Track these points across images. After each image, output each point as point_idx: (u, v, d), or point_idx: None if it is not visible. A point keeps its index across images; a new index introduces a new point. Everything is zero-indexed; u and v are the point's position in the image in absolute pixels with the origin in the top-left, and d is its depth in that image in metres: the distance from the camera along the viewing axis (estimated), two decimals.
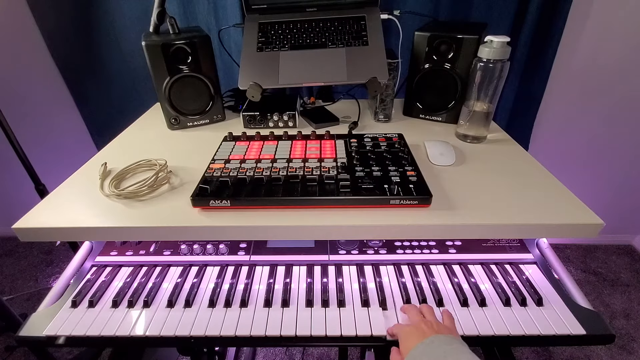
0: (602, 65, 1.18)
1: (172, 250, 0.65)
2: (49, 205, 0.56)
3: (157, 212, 0.53)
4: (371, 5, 0.84)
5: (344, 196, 0.51)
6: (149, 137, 0.80)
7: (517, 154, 0.70)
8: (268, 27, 0.84)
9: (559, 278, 0.59)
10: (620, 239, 1.73)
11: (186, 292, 0.57)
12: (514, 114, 1.17)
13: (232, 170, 0.58)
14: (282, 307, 0.54)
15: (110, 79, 1.18)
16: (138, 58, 1.11)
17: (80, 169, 0.66)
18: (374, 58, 0.77)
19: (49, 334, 0.51)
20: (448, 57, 0.76)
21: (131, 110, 1.00)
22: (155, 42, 0.73)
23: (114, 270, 0.62)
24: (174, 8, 1.01)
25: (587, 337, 0.49)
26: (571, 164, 1.43)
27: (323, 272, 0.60)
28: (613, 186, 1.49)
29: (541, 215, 0.51)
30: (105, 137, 0.79)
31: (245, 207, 0.53)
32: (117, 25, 1.07)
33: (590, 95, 1.25)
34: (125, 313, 0.54)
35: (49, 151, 1.44)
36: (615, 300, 1.46)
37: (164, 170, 0.61)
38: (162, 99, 0.78)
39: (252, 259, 0.64)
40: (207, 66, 0.78)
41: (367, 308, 0.54)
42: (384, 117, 0.85)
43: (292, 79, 0.77)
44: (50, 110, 1.35)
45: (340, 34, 0.81)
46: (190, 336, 0.50)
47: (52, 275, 1.61)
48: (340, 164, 0.59)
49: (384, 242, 0.65)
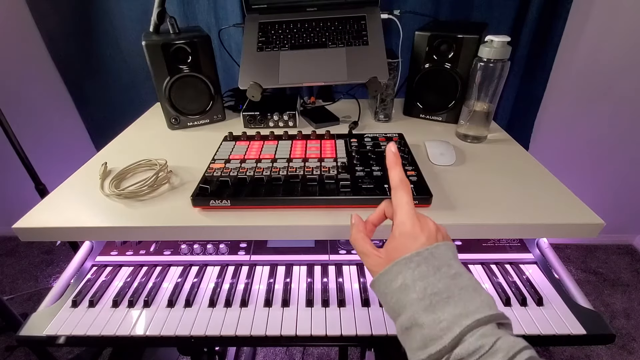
0: (603, 65, 1.18)
1: (172, 250, 0.65)
2: (49, 205, 0.56)
3: (157, 212, 0.53)
4: (371, 4, 0.84)
5: (344, 196, 0.51)
6: (149, 137, 0.80)
7: (517, 154, 0.70)
8: (268, 27, 0.84)
9: (559, 278, 0.59)
10: (621, 238, 1.73)
11: (186, 291, 0.57)
12: (515, 113, 1.17)
13: (232, 170, 0.58)
14: (283, 306, 0.54)
15: (110, 79, 1.18)
16: (138, 58, 1.11)
17: (80, 169, 0.66)
18: (374, 58, 0.77)
19: (49, 333, 0.51)
20: (448, 57, 0.76)
21: (131, 110, 1.01)
22: (156, 42, 0.73)
23: (114, 270, 0.62)
24: (174, 8, 1.01)
25: (588, 337, 0.49)
26: (571, 163, 1.43)
27: (323, 272, 0.60)
28: (613, 186, 1.49)
29: (541, 215, 0.51)
30: (105, 137, 0.79)
31: (246, 207, 0.53)
32: (117, 25, 1.07)
33: (590, 95, 1.25)
34: (125, 313, 0.54)
35: (49, 151, 1.44)
36: (615, 300, 1.46)
37: (164, 170, 0.61)
38: (162, 99, 0.78)
39: (252, 258, 0.64)
40: (207, 66, 0.78)
41: (368, 308, 0.54)
42: (384, 117, 0.85)
43: (292, 78, 0.77)
44: (50, 110, 1.35)
45: (340, 33, 0.81)
46: (191, 336, 0.50)
47: (53, 275, 1.61)
48: (341, 164, 0.59)
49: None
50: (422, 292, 0.30)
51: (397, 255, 0.33)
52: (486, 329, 0.28)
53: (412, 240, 0.33)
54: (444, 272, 0.31)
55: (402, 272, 0.32)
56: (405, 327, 0.31)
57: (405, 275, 0.31)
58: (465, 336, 0.27)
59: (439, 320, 0.29)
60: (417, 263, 0.31)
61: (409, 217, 0.35)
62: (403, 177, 0.36)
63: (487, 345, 0.27)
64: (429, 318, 0.29)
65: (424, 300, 0.30)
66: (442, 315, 0.29)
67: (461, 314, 0.28)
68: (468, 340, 0.27)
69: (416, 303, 0.30)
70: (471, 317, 0.28)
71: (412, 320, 0.30)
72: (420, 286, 0.30)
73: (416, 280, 0.31)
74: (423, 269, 0.31)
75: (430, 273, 0.31)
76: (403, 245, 0.33)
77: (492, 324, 0.29)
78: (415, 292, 0.30)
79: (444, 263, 0.32)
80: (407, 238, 0.34)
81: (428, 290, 0.30)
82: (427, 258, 0.32)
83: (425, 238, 0.33)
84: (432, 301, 0.29)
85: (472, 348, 0.27)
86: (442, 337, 0.28)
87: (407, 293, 0.31)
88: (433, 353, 0.28)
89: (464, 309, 0.29)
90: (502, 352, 0.26)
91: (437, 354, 0.28)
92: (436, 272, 0.31)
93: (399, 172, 0.36)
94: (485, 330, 0.28)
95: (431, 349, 0.28)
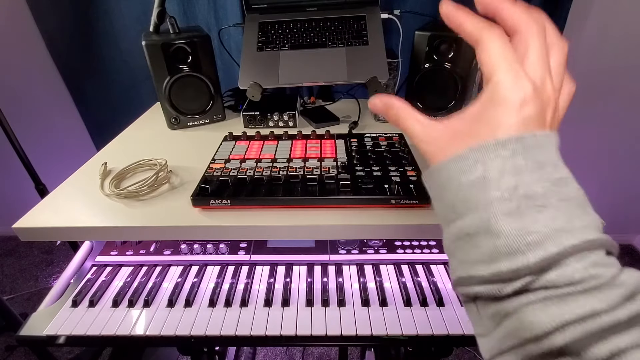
0: (603, 65, 1.18)
1: (172, 250, 0.65)
2: (49, 204, 0.56)
3: (157, 211, 0.53)
4: (371, 4, 0.84)
5: (344, 196, 0.51)
6: (149, 137, 0.80)
7: None
8: (268, 27, 0.84)
9: None
10: (621, 238, 1.73)
11: (186, 291, 0.57)
12: None
13: (232, 170, 0.58)
14: (283, 306, 0.55)
15: (110, 79, 1.18)
16: (138, 58, 1.11)
17: (80, 169, 0.66)
18: (374, 58, 0.77)
19: (49, 333, 0.51)
20: (448, 56, 0.76)
21: (131, 110, 1.00)
22: (156, 42, 0.73)
23: (115, 269, 0.62)
24: (174, 8, 1.01)
25: None
26: (571, 163, 1.41)
27: (323, 272, 0.60)
28: (613, 186, 1.49)
29: None
30: (105, 137, 0.79)
31: (246, 207, 0.53)
32: (116, 25, 1.07)
33: (590, 95, 1.25)
34: (125, 312, 0.54)
35: (49, 151, 1.44)
36: None
37: (164, 170, 0.61)
38: (162, 99, 0.78)
39: (252, 258, 0.64)
40: (207, 66, 0.78)
41: (368, 308, 0.54)
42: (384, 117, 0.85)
43: (292, 78, 0.77)
44: (50, 110, 1.35)
45: (340, 33, 0.81)
46: (191, 336, 0.51)
47: (53, 275, 1.61)
48: (341, 164, 0.59)
49: (384, 242, 0.65)
50: (510, 191, 0.20)
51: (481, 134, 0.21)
52: (600, 255, 0.19)
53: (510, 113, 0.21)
54: (548, 173, 0.21)
55: (486, 161, 0.21)
56: (467, 232, 0.21)
57: (489, 165, 0.21)
58: (566, 258, 0.19)
59: (526, 232, 0.19)
60: (513, 152, 0.21)
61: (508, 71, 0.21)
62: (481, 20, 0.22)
63: (603, 277, 0.18)
64: (511, 226, 0.20)
65: (509, 202, 0.20)
66: (532, 225, 0.19)
67: (563, 229, 0.19)
68: (572, 265, 0.19)
69: (497, 203, 0.20)
70: (577, 235, 0.19)
71: (484, 224, 0.20)
72: (508, 183, 0.20)
73: (505, 174, 0.20)
74: (520, 162, 0.20)
75: (529, 169, 0.20)
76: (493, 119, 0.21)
77: (603, 250, 0.20)
78: (500, 189, 0.20)
79: (549, 161, 0.21)
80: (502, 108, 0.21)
81: (520, 190, 0.20)
82: (529, 148, 0.21)
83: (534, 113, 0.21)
84: (521, 205, 0.20)
85: (578, 276, 0.18)
86: (524, 253, 0.19)
87: (485, 189, 0.21)
88: (504, 271, 0.19)
89: (566, 222, 0.20)
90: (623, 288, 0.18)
91: (509, 273, 0.19)
92: (537, 169, 0.21)
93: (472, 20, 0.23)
94: (599, 258, 0.19)
95: (502, 265, 0.19)
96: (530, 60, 0.21)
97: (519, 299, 0.19)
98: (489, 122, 0.21)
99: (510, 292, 0.19)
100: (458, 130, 0.23)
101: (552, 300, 0.18)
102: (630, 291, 0.18)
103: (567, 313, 0.18)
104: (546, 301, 0.19)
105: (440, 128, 0.24)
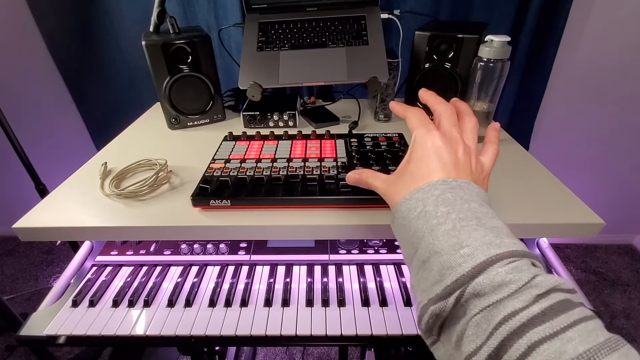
0: (603, 65, 1.18)
1: (172, 250, 0.65)
2: (49, 205, 0.56)
3: (157, 211, 0.53)
4: (371, 4, 0.84)
5: (344, 196, 0.51)
6: (149, 137, 0.80)
7: (517, 153, 0.70)
8: (268, 27, 0.84)
9: None
10: (621, 238, 1.73)
11: (186, 291, 0.57)
12: (515, 113, 1.17)
13: (232, 170, 0.58)
14: (283, 306, 0.54)
15: (110, 79, 1.18)
16: (138, 58, 1.11)
17: (80, 169, 0.66)
18: (374, 57, 0.77)
19: (49, 333, 0.51)
20: (448, 56, 0.76)
21: (131, 110, 1.00)
22: (156, 42, 0.73)
23: (115, 269, 0.62)
24: (174, 8, 1.01)
25: None
26: (571, 163, 1.43)
27: (323, 272, 0.60)
28: (613, 186, 1.49)
29: (541, 215, 0.51)
30: (105, 137, 0.79)
31: (246, 207, 0.53)
32: (116, 25, 1.07)
33: (590, 94, 1.25)
34: (125, 312, 0.54)
35: (49, 151, 1.44)
36: (615, 300, 1.46)
37: (164, 170, 0.61)
38: (162, 99, 0.79)
39: (252, 258, 0.64)
40: (207, 66, 0.78)
41: (368, 307, 0.54)
42: (384, 117, 0.85)
43: (292, 78, 0.77)
44: (50, 110, 1.35)
45: (340, 33, 0.81)
46: (191, 336, 0.51)
47: (53, 275, 1.61)
48: (341, 164, 0.59)
49: (385, 242, 0.65)
50: (445, 216, 0.25)
51: (418, 180, 0.29)
52: (522, 262, 0.22)
53: (432, 158, 0.29)
54: (475, 208, 0.26)
55: (424, 198, 0.27)
56: (422, 260, 0.25)
57: (427, 201, 0.26)
58: (492, 265, 0.21)
59: (460, 246, 0.23)
60: (442, 190, 0.27)
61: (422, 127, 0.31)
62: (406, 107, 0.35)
63: (520, 281, 0.21)
64: (448, 242, 0.24)
65: (445, 224, 0.25)
66: (466, 240, 0.23)
67: (492, 243, 0.23)
68: (496, 270, 0.21)
69: (437, 227, 0.25)
70: (503, 247, 0.22)
71: (431, 247, 0.24)
72: (443, 211, 0.25)
73: (439, 205, 0.26)
74: (449, 196, 0.26)
75: (458, 202, 0.26)
76: (425, 167, 0.29)
77: (528, 260, 0.22)
78: (437, 217, 0.25)
79: (474, 200, 0.27)
80: (425, 156, 0.29)
81: (452, 215, 0.25)
82: (454, 188, 0.27)
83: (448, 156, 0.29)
84: (456, 226, 0.24)
85: (498, 280, 0.21)
86: (461, 265, 0.22)
87: (427, 219, 0.26)
88: (449, 284, 0.22)
89: (496, 238, 0.23)
90: (538, 289, 0.20)
91: (453, 285, 0.22)
92: (465, 203, 0.26)
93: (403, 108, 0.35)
94: (521, 264, 0.22)
95: (448, 279, 0.22)
96: (442, 123, 0.32)
97: (465, 316, 0.22)
98: (420, 170, 0.29)
99: (453, 302, 0.22)
100: (403, 179, 0.31)
101: (487, 310, 0.21)
102: (546, 290, 0.20)
103: (496, 316, 0.20)
104: (483, 312, 0.21)
105: (393, 179, 0.32)
